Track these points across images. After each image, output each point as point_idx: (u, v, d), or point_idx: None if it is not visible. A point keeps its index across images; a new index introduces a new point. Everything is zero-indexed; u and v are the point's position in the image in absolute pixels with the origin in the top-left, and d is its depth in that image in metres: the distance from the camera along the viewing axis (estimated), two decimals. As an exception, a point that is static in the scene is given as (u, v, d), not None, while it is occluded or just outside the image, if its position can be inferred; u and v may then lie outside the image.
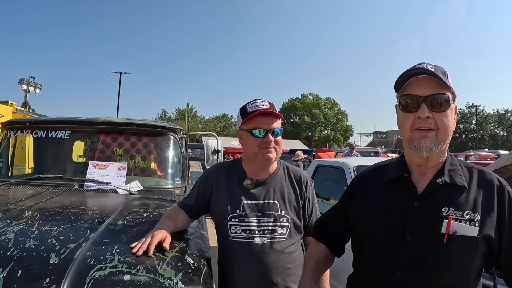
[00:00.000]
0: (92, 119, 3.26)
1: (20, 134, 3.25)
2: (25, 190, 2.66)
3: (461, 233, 1.29)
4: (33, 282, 1.33)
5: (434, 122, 1.35)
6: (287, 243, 1.97)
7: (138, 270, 1.46)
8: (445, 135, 1.37)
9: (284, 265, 1.94)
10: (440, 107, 1.35)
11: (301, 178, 2.14)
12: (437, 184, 1.37)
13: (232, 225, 1.96)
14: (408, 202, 1.40)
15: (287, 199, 2.04)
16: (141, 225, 1.95)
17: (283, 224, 1.98)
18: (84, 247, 1.57)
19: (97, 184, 2.86)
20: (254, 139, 1.98)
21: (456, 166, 1.42)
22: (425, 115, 1.34)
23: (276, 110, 2.02)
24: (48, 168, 3.14)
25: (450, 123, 1.38)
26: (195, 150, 15.88)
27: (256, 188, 2.03)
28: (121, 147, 3.19)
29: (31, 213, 1.99)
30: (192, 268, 1.62)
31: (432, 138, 1.34)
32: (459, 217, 1.31)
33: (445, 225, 1.30)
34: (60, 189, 2.75)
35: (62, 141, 3.16)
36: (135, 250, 1.60)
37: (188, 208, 2.06)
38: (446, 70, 1.41)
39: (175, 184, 3.18)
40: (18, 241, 1.58)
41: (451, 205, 1.33)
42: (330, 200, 4.56)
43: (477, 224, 1.30)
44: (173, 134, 3.35)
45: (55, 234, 1.68)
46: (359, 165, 4.25)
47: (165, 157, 3.28)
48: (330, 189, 4.93)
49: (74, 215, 2.01)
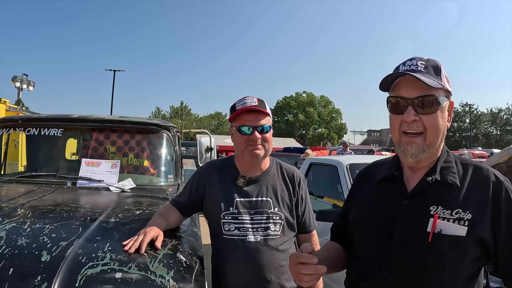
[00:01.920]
0: (85, 116, 3.25)
1: (13, 132, 3.23)
2: (18, 188, 2.65)
3: (447, 232, 1.24)
4: (24, 280, 1.33)
5: (421, 124, 1.31)
6: (280, 240, 1.99)
7: (130, 268, 1.47)
8: (435, 137, 1.32)
9: (278, 262, 1.95)
10: (428, 109, 1.30)
11: (294, 175, 2.16)
12: (427, 182, 1.34)
13: (225, 223, 1.97)
14: (397, 201, 1.38)
15: (280, 197, 2.05)
16: (133, 223, 1.95)
17: (276, 222, 1.99)
18: (76, 245, 1.57)
19: (89, 182, 2.85)
20: (242, 136, 1.99)
21: (450, 163, 1.37)
22: (411, 119, 1.30)
23: (265, 107, 2.02)
24: (41, 166, 3.12)
25: (441, 123, 1.32)
26: (189, 148, 15.84)
27: (249, 186, 2.04)
28: (114, 145, 3.18)
29: (23, 211, 1.98)
30: (184, 266, 1.63)
31: (419, 143, 1.31)
32: (447, 215, 1.26)
33: (431, 224, 1.26)
34: (53, 187, 2.74)
35: (55, 139, 3.15)
36: (127, 247, 1.61)
37: (180, 205, 2.07)
38: (439, 64, 1.36)
39: (168, 182, 3.18)
40: (9, 239, 1.57)
41: (440, 204, 1.29)
42: (324, 198, 4.59)
43: (466, 223, 1.23)
44: (166, 131, 3.34)
45: (47, 232, 1.68)
46: (352, 163, 4.27)
47: (158, 154, 3.27)
48: (324, 187, 4.96)
49: (66, 213, 2.01)
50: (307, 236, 2.19)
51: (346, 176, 4.06)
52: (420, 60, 1.34)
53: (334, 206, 4.14)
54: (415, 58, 1.35)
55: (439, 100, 1.31)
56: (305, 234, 2.19)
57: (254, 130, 1.97)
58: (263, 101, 2.04)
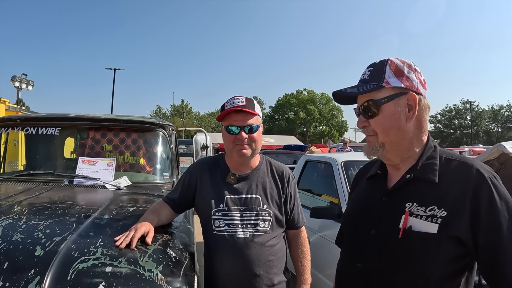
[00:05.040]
0: (82, 115, 3.31)
1: (11, 131, 3.29)
2: (16, 186, 2.71)
3: (417, 229, 1.25)
4: (18, 273, 1.39)
5: (371, 129, 1.39)
6: (269, 236, 2.03)
7: (120, 262, 1.52)
8: (384, 137, 1.37)
9: (266, 257, 2.00)
10: (370, 114, 1.38)
11: (283, 173, 2.20)
12: (406, 179, 1.36)
13: (215, 219, 2.02)
14: (378, 198, 1.43)
15: (269, 194, 2.10)
16: (126, 219, 2.00)
17: (265, 218, 2.03)
18: (69, 240, 1.62)
19: (86, 180, 2.92)
20: (229, 136, 2.04)
21: (433, 159, 1.36)
22: (361, 126, 1.42)
23: (254, 107, 2.05)
24: (39, 165, 3.20)
25: (388, 123, 1.35)
26: (189, 146, 15.86)
27: (239, 183, 2.09)
28: (111, 143, 3.24)
29: (19, 208, 2.04)
30: (173, 261, 1.68)
31: (371, 142, 1.40)
32: (421, 212, 1.27)
33: (403, 220, 1.29)
34: (50, 185, 2.80)
35: (52, 138, 3.21)
36: (118, 243, 1.66)
37: (172, 202, 2.12)
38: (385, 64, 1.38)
39: (163, 179, 3.24)
40: (5, 235, 1.63)
41: (416, 200, 1.30)
42: (322, 196, 4.62)
43: (439, 220, 1.23)
44: (162, 130, 3.40)
45: (41, 228, 1.73)
46: (347, 160, 4.30)
47: (154, 152, 3.34)
48: (319, 184, 4.99)
49: (62, 210, 2.07)
50: (296, 232, 2.25)
51: (340, 173, 4.09)
52: (369, 68, 1.42)
53: (331, 203, 4.18)
54: (368, 66, 1.43)
55: (378, 102, 1.36)
56: (294, 230, 2.24)
57: (241, 130, 2.01)
58: (253, 100, 2.08)
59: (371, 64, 1.42)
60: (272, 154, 13.70)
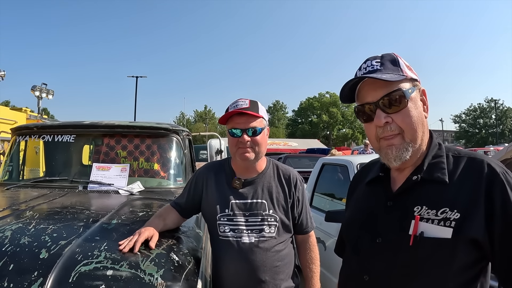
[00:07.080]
0: (96, 122, 3.39)
1: (29, 139, 3.39)
2: (32, 192, 2.79)
3: (429, 234, 1.14)
4: (22, 275, 1.43)
5: (396, 126, 1.23)
6: (275, 242, 2.01)
7: (121, 266, 1.54)
8: (413, 133, 1.23)
9: (272, 263, 1.98)
10: (397, 106, 1.22)
11: (290, 177, 2.16)
12: (413, 181, 1.25)
13: (221, 224, 2.01)
14: (382, 203, 1.31)
15: (275, 199, 2.07)
16: (134, 224, 2.02)
17: (271, 224, 2.01)
18: (74, 244, 1.66)
19: (100, 186, 2.98)
20: (233, 139, 2.03)
21: (440, 158, 1.26)
22: (382, 123, 1.23)
23: (258, 109, 2.02)
24: (55, 171, 3.29)
25: (416, 116, 1.23)
26: (207, 151, 15.95)
27: (245, 188, 2.07)
28: (125, 149, 3.30)
29: (31, 213, 2.10)
30: (176, 265, 1.68)
31: (398, 144, 1.23)
32: (432, 216, 1.16)
33: (413, 226, 1.17)
34: (65, 190, 2.87)
35: (67, 145, 3.30)
36: (121, 247, 1.68)
37: (179, 207, 2.13)
38: (395, 55, 1.30)
39: (177, 184, 3.27)
40: (14, 238, 1.68)
41: (425, 203, 1.19)
42: (342, 200, 4.56)
43: (452, 224, 1.12)
44: (175, 135, 3.44)
45: (49, 232, 1.78)
46: (363, 162, 4.24)
47: (167, 158, 3.38)
48: (336, 188, 4.93)
49: (71, 215, 2.12)
50: (305, 237, 2.21)
51: (356, 176, 4.03)
52: (375, 59, 1.29)
53: (347, 206, 4.11)
54: (369, 59, 1.30)
55: (406, 92, 1.23)
56: (303, 235, 2.20)
57: (244, 133, 2.00)
58: (257, 102, 2.05)
59: (374, 56, 1.30)
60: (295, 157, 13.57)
